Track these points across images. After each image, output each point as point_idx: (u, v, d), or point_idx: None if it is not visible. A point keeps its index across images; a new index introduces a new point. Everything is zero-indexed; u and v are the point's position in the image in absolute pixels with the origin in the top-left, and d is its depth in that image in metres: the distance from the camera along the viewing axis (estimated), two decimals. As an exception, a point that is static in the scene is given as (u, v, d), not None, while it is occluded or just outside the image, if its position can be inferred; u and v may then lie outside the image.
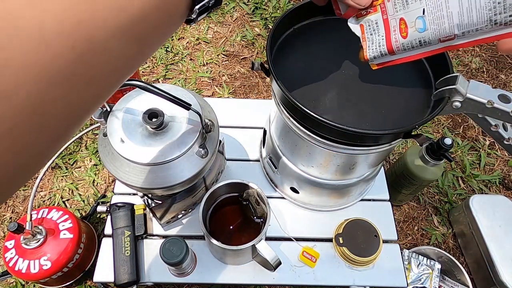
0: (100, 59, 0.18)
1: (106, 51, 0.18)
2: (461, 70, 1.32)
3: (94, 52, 0.17)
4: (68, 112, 0.18)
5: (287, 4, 1.43)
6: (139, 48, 0.20)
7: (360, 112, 0.46)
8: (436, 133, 1.17)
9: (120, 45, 0.19)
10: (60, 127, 0.18)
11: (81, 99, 0.18)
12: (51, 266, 0.73)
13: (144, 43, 0.21)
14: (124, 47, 0.19)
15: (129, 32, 0.19)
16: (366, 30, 0.38)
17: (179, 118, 0.52)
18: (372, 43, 0.38)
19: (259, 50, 1.31)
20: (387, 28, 0.37)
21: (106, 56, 0.18)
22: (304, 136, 0.51)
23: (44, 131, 0.17)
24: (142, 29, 0.20)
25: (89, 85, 0.18)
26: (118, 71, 0.20)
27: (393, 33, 0.36)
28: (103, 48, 0.18)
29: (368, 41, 0.39)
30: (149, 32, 0.20)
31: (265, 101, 0.89)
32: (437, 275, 0.87)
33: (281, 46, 0.52)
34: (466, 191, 1.06)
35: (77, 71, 0.17)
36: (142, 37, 0.20)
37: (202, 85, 1.22)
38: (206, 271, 0.64)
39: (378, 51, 0.38)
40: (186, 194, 0.60)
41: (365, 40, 0.39)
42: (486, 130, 0.47)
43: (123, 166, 0.51)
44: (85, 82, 0.18)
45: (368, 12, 0.37)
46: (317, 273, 0.65)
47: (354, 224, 0.66)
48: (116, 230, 0.64)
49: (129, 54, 0.20)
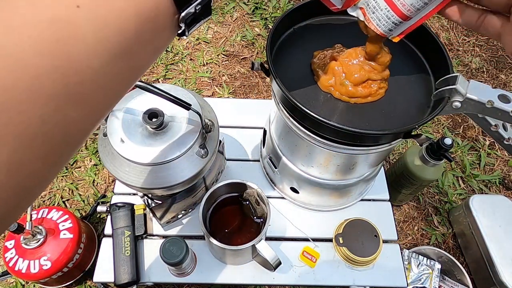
0: (85, 77, 0.17)
1: (90, 69, 0.17)
2: (461, 70, 1.32)
3: (75, 70, 0.17)
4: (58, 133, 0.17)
5: (287, 4, 1.43)
6: (126, 63, 0.20)
7: (360, 112, 0.46)
8: (436, 133, 1.17)
9: (104, 62, 0.18)
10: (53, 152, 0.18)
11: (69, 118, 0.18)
12: (51, 266, 0.73)
13: (131, 58, 0.20)
14: (110, 63, 0.18)
15: (112, 47, 0.18)
16: (367, 10, 0.37)
17: (179, 118, 0.52)
18: (379, 20, 0.37)
19: (259, 50, 1.31)
20: None
21: (90, 74, 0.18)
22: (304, 136, 0.51)
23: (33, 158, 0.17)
24: (127, 43, 0.19)
25: (77, 105, 0.18)
26: (108, 88, 0.19)
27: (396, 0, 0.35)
28: (86, 66, 0.17)
29: (374, 20, 0.37)
30: (135, 46, 0.19)
31: (265, 101, 0.89)
32: (437, 275, 0.87)
33: (281, 46, 0.52)
34: (466, 191, 1.06)
35: (61, 91, 0.17)
36: (128, 51, 0.19)
37: (202, 85, 1.22)
38: (206, 271, 0.64)
39: (391, 22, 0.36)
40: (186, 194, 0.60)
41: (370, 21, 0.38)
42: (486, 130, 0.47)
43: (123, 166, 0.51)
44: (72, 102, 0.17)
45: None
46: (317, 273, 0.65)
47: (354, 224, 0.66)
48: (116, 230, 0.64)
49: (116, 70, 0.19)
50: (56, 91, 0.16)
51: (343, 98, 0.46)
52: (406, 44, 0.53)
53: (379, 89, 0.46)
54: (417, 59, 0.52)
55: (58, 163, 0.19)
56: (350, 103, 0.47)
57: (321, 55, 0.49)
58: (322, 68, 0.48)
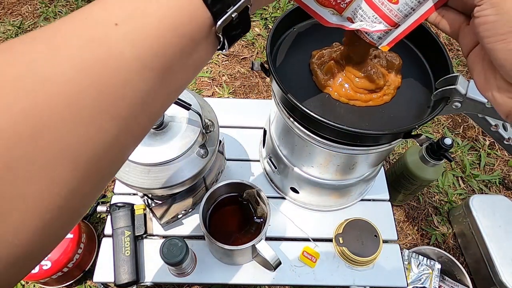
0: (125, 93, 0.17)
1: (129, 85, 0.18)
2: (461, 70, 1.32)
3: (115, 87, 0.17)
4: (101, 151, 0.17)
5: (287, 4, 1.43)
6: (165, 79, 0.19)
7: (360, 112, 0.46)
8: (436, 133, 1.17)
9: (143, 78, 0.18)
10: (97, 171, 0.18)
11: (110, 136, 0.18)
12: (51, 266, 0.73)
13: (170, 73, 0.19)
14: (149, 79, 0.18)
15: (150, 62, 0.18)
16: (355, 19, 0.36)
17: (179, 118, 0.52)
18: (367, 27, 0.36)
19: (259, 50, 1.31)
20: (372, 5, 0.35)
21: (130, 91, 0.18)
22: (304, 136, 0.51)
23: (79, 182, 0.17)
24: (166, 58, 0.19)
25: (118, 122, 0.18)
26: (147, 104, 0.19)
27: (382, 6, 0.34)
28: (125, 83, 0.17)
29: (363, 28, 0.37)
30: (173, 60, 0.19)
31: (265, 101, 0.89)
32: (437, 275, 0.87)
33: (281, 46, 0.52)
34: (466, 191, 1.06)
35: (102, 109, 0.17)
36: (166, 66, 0.19)
37: (202, 85, 1.22)
38: (206, 271, 0.64)
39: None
40: (186, 194, 0.60)
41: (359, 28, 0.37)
42: (486, 130, 0.47)
43: (123, 166, 0.51)
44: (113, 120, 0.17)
45: (348, 3, 0.35)
46: (317, 273, 0.65)
47: (354, 224, 0.66)
48: (116, 230, 0.64)
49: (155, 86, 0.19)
50: (97, 110, 0.17)
51: (341, 99, 0.46)
52: (406, 44, 0.53)
53: (383, 96, 0.46)
54: (417, 59, 0.52)
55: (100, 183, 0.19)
56: (349, 104, 0.47)
57: (319, 55, 0.49)
58: (321, 68, 0.48)
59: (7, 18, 1.37)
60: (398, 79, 0.47)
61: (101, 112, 0.17)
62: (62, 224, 0.18)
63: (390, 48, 0.38)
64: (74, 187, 0.17)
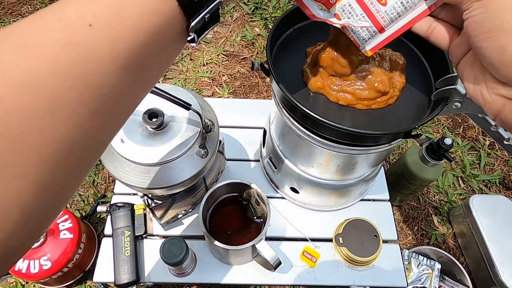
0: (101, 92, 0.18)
1: (106, 84, 0.18)
2: (461, 70, 1.32)
3: (92, 87, 0.17)
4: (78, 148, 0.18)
5: (287, 4, 1.43)
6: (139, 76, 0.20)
7: (359, 112, 0.46)
8: (436, 133, 1.17)
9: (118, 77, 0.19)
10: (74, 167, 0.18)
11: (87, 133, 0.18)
12: (51, 266, 0.73)
13: (144, 70, 0.20)
14: (124, 77, 0.19)
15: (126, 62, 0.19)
16: (342, 16, 0.36)
17: (179, 118, 0.52)
18: (353, 23, 0.36)
19: (259, 50, 1.31)
20: (362, 4, 0.34)
21: (106, 89, 0.18)
22: (304, 136, 0.51)
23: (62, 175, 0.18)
24: (140, 57, 0.19)
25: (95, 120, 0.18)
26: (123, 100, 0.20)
27: (371, 6, 0.34)
28: (102, 82, 0.18)
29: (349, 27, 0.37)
30: (147, 58, 0.20)
31: (265, 101, 0.89)
32: (437, 275, 0.87)
33: (281, 46, 0.52)
34: (466, 191, 1.06)
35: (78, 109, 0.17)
36: (141, 64, 0.20)
37: (202, 85, 1.22)
38: (206, 271, 0.64)
39: (365, 30, 0.36)
40: (186, 194, 0.60)
41: (345, 26, 0.37)
42: (486, 130, 0.47)
43: (123, 166, 0.51)
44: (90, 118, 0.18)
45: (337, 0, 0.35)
46: (317, 273, 0.65)
47: (354, 224, 0.66)
48: (116, 230, 0.64)
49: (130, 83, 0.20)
50: (74, 110, 0.17)
51: (340, 103, 0.46)
52: (406, 44, 0.53)
53: (388, 99, 0.46)
54: (417, 59, 0.52)
55: (79, 177, 0.20)
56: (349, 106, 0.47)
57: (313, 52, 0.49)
58: (311, 68, 0.47)
59: (7, 18, 1.37)
60: (402, 80, 0.47)
61: (79, 112, 0.17)
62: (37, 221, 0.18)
63: (373, 53, 0.38)
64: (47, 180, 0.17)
